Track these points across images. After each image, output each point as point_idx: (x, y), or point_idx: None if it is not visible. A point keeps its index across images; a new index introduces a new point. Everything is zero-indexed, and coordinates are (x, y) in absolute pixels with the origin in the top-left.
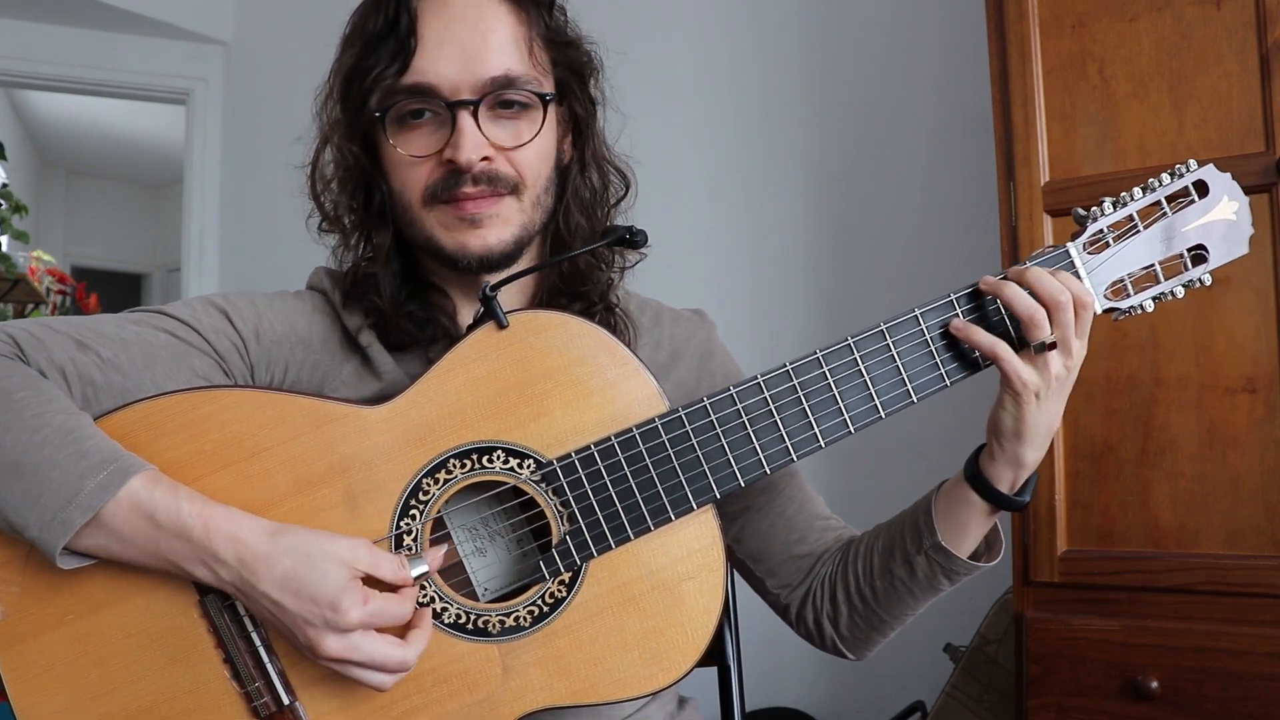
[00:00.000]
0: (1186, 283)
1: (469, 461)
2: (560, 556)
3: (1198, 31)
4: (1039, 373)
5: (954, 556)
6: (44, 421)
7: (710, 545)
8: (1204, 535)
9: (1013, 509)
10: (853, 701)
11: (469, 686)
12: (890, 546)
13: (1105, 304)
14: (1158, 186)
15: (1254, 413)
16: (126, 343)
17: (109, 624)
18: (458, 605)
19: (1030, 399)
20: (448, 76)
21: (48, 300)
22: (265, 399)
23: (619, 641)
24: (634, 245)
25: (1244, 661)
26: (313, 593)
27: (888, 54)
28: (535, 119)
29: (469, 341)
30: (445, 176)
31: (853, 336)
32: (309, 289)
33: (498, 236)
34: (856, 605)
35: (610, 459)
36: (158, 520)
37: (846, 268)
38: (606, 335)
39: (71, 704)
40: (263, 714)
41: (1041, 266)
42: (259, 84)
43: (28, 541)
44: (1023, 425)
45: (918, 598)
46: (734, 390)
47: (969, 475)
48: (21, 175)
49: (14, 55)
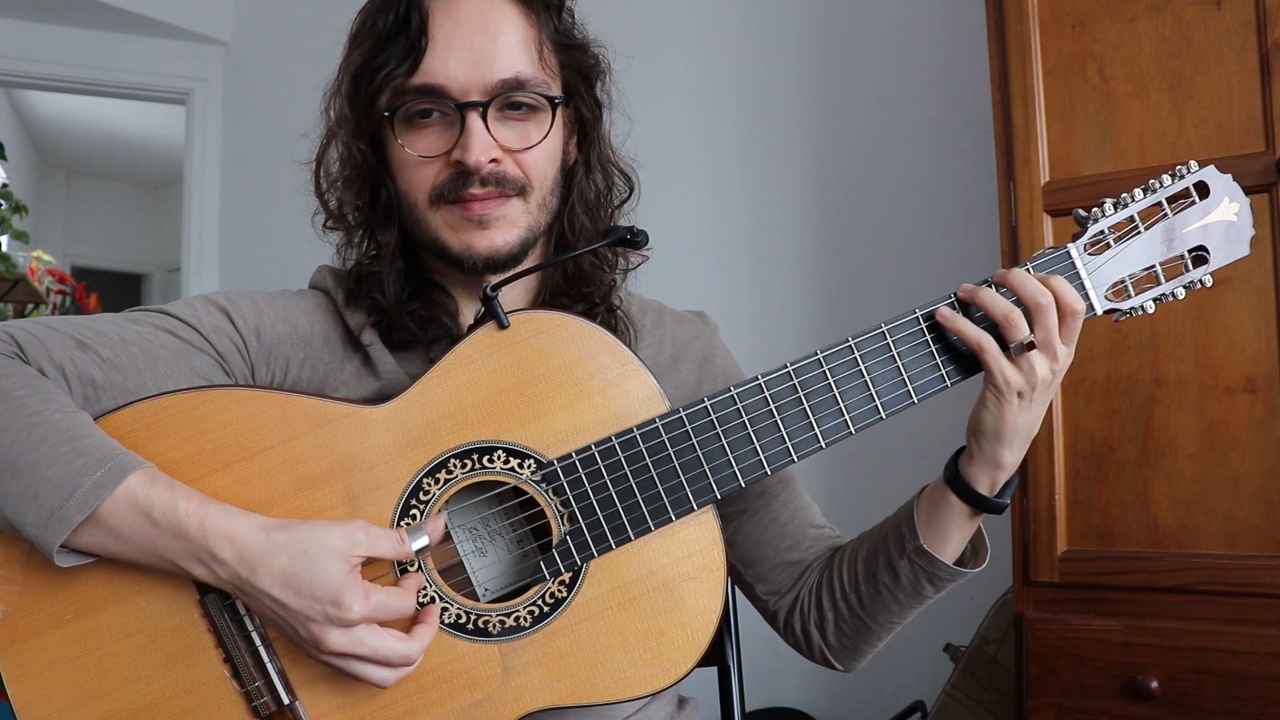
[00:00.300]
0: (1187, 284)
1: (469, 461)
2: (560, 557)
3: (1198, 31)
4: (1022, 372)
5: (937, 561)
6: (42, 420)
7: (710, 546)
8: (1204, 535)
9: (992, 511)
10: (853, 701)
11: (469, 686)
12: (874, 552)
13: (1106, 305)
14: (1159, 188)
15: (1254, 413)
16: (127, 342)
17: (109, 623)
18: (458, 605)
19: (1012, 398)
20: (458, 78)
21: (48, 300)
22: (266, 399)
23: (619, 642)
24: (635, 246)
25: (1244, 661)
26: (313, 589)
27: (888, 54)
28: (543, 121)
29: (470, 341)
30: (453, 177)
31: (853, 337)
32: (311, 288)
33: (504, 238)
34: (843, 612)
35: (611, 459)
36: (154, 518)
37: (846, 268)
38: (607, 335)
39: (71, 703)
40: (262, 713)
41: (1041, 267)
42: (258, 84)
43: (26, 539)
44: (1003, 425)
45: (903, 604)
46: (734, 390)
47: (948, 477)
48: (21, 175)
49: (14, 55)
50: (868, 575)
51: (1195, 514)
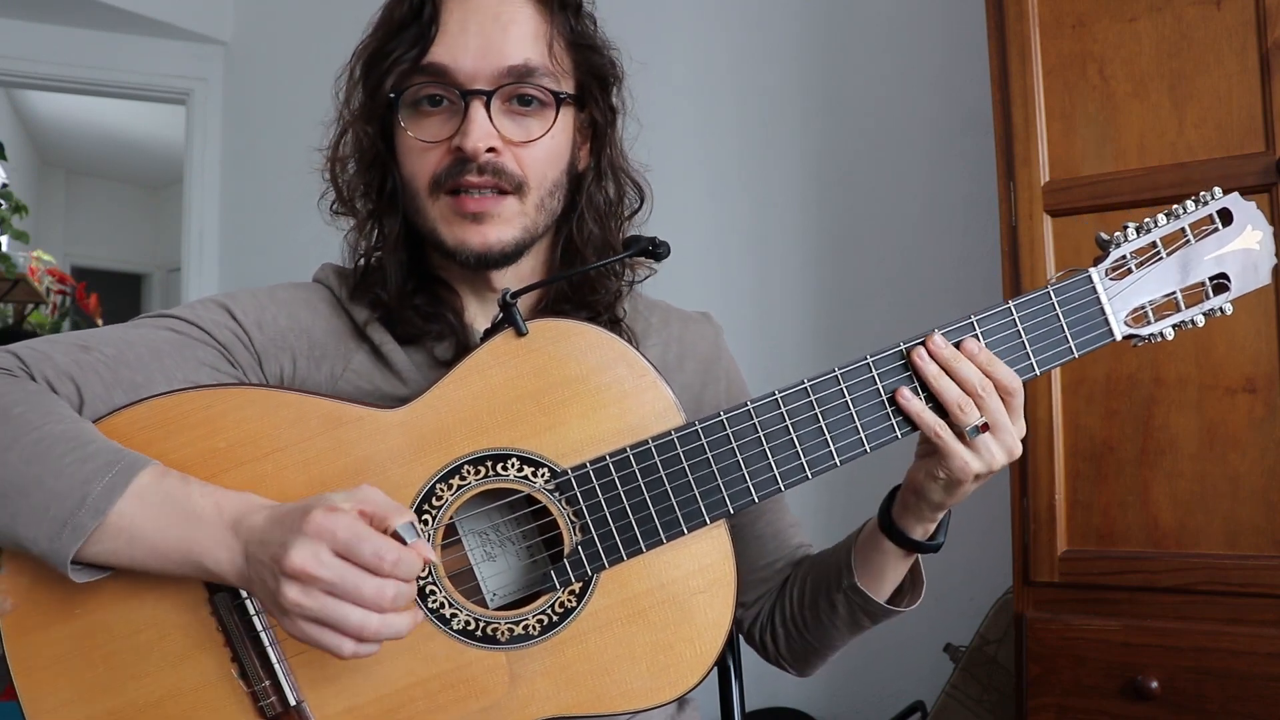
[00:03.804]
0: (1207, 311)
1: (483, 468)
2: (571, 566)
3: (1198, 31)
4: (980, 456)
5: (870, 599)
6: (45, 433)
7: (722, 560)
8: (1204, 535)
9: (927, 552)
10: (853, 701)
11: (475, 693)
12: (819, 581)
13: (1126, 331)
14: (1182, 213)
15: (1254, 413)
16: (130, 342)
17: (118, 620)
18: (466, 612)
19: (969, 483)
20: (464, 63)
21: (48, 300)
22: (281, 399)
23: (627, 653)
24: (657, 257)
25: (1244, 661)
26: (295, 514)
27: (888, 54)
28: (547, 118)
29: (487, 348)
30: (451, 164)
31: (871, 355)
32: (314, 282)
33: (497, 235)
34: (792, 632)
35: (625, 470)
36: (169, 510)
37: (846, 268)
38: (625, 345)
39: (78, 697)
40: (269, 714)
41: (1061, 292)
42: (258, 84)
43: (37, 556)
44: (951, 499)
45: (842, 632)
46: (751, 406)
47: (882, 524)
48: (21, 175)
49: (14, 55)
50: (811, 603)
51: (1195, 514)
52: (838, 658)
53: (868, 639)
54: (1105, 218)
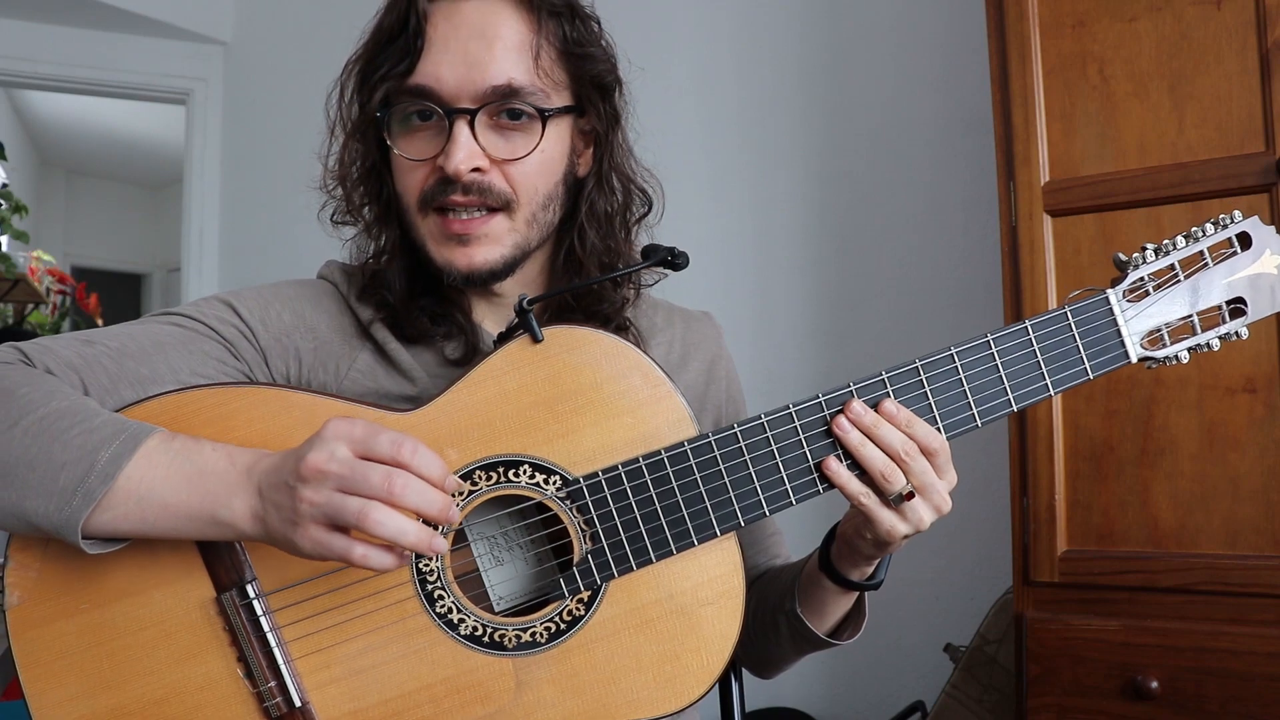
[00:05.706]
0: (1223, 335)
1: (495, 474)
2: (581, 575)
3: (1198, 31)
4: (907, 521)
5: (808, 628)
6: (50, 409)
7: (731, 572)
8: (1204, 535)
9: (868, 590)
10: (853, 701)
11: (481, 699)
12: (766, 598)
13: (1141, 353)
14: (1201, 237)
15: (1254, 413)
16: (133, 336)
17: (124, 616)
18: (474, 617)
19: (898, 544)
20: (449, 83)
21: (48, 300)
22: (294, 399)
23: (634, 663)
24: (676, 268)
25: (1244, 661)
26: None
27: (888, 54)
28: (535, 132)
29: (502, 353)
30: (436, 184)
31: (886, 372)
32: (319, 279)
33: (484, 256)
34: (749, 641)
35: (637, 480)
36: (179, 466)
37: (846, 268)
38: (640, 355)
39: (82, 692)
40: (274, 714)
41: (1078, 313)
42: (258, 84)
43: (48, 531)
44: (882, 552)
45: (787, 651)
46: (765, 419)
47: (821, 565)
48: (21, 175)
49: (14, 55)
50: (762, 620)
51: (1195, 514)
52: (838, 658)
53: (868, 639)
54: (1105, 218)
